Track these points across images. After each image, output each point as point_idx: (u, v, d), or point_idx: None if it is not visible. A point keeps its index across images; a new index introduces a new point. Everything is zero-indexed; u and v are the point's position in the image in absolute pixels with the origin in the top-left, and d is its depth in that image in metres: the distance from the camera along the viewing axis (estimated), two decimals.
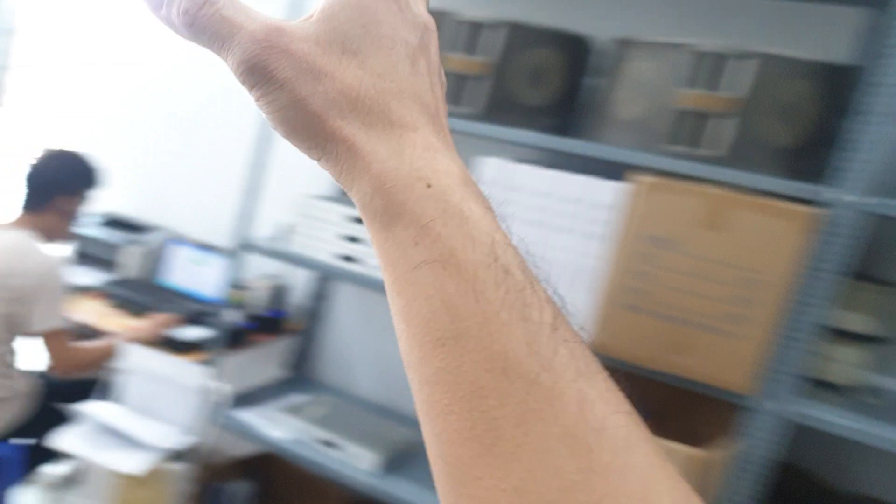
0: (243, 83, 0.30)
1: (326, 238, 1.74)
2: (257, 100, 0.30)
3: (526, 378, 0.24)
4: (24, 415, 1.84)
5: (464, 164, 0.30)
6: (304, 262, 1.80)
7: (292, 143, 0.30)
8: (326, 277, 2.21)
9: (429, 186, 0.28)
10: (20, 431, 1.84)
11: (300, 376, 2.20)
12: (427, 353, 0.26)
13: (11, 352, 1.78)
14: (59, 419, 1.88)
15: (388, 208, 0.28)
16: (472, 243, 0.26)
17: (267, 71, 0.28)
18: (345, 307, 2.25)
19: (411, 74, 0.31)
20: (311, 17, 0.30)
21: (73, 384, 1.93)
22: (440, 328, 0.26)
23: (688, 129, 1.31)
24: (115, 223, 2.45)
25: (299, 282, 2.20)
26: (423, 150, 0.29)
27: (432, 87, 0.32)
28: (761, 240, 1.22)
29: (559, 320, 0.26)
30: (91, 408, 1.81)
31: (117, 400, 1.86)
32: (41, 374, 1.88)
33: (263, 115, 0.30)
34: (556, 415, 0.23)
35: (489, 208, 0.29)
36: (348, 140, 0.29)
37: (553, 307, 0.26)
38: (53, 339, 1.77)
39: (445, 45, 1.52)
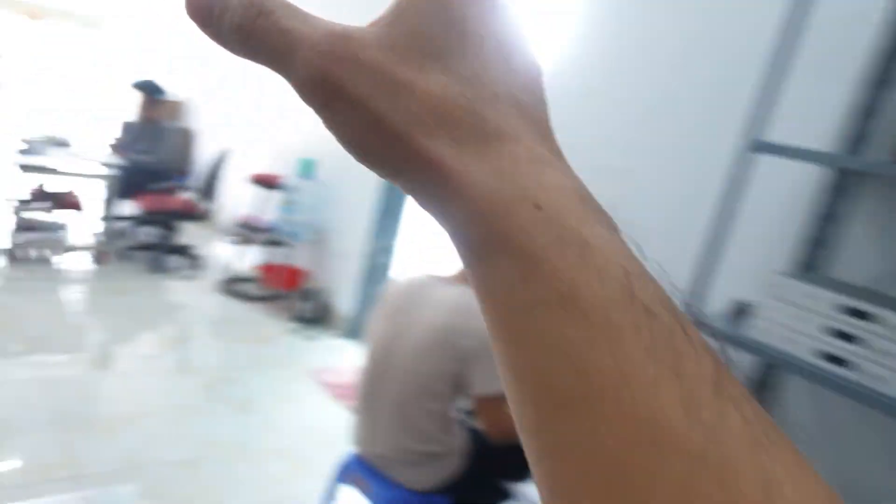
0: (310, 104, 0.23)
1: (805, 329, 1.43)
2: (327, 121, 0.23)
3: (685, 452, 0.17)
4: (457, 472, 1.86)
5: (578, 176, 0.22)
6: (765, 352, 1.52)
7: (369, 167, 0.23)
8: (773, 365, 1.88)
9: (538, 208, 0.20)
10: (449, 487, 1.86)
11: None
12: (546, 417, 0.19)
13: (452, 409, 1.81)
14: (488, 481, 1.86)
15: (488, 238, 0.21)
16: (598, 277, 0.19)
17: (335, 87, 0.22)
18: (794, 407, 1.88)
19: (506, 73, 0.23)
20: (382, 19, 0.24)
21: (501, 448, 1.91)
22: (563, 387, 0.18)
23: None
24: None
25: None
26: (527, 163, 0.21)
27: (531, 86, 0.24)
28: None
29: (723, 373, 0.19)
30: (527, 489, 1.75)
31: None
32: (475, 434, 1.89)
33: (335, 138, 0.23)
34: (731, 502, 0.16)
35: (615, 229, 0.21)
36: (436, 161, 0.22)
37: (713, 356, 0.19)
38: (489, 403, 1.75)
39: None
